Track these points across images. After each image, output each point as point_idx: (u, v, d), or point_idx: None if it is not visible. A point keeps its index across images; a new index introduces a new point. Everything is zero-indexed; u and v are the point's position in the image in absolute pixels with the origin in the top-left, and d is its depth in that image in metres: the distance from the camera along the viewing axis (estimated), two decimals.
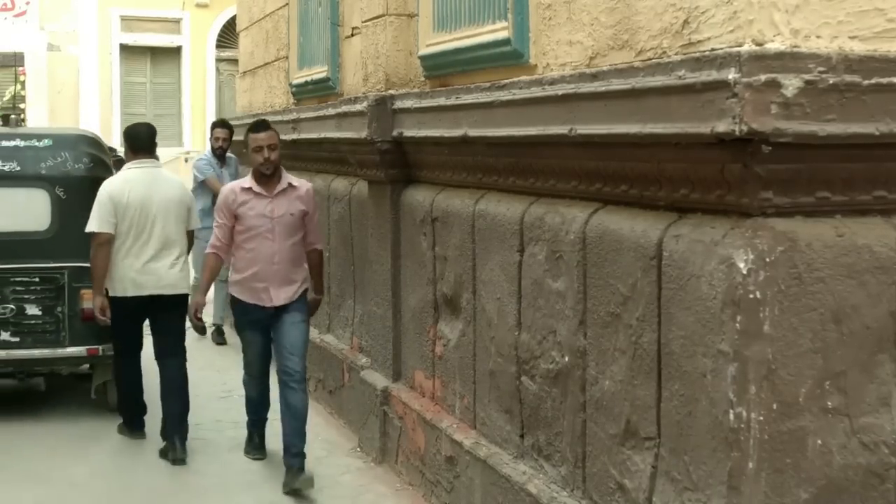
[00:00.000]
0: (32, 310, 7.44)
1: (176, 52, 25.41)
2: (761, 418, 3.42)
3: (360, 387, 7.07)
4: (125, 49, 24.96)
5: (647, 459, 3.94)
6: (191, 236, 7.19)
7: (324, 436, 7.26)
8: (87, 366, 7.82)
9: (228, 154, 10.62)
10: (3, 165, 7.62)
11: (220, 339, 10.64)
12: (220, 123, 10.81)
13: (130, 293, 6.83)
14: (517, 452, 5.02)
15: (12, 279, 7.43)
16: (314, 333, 8.32)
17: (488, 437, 5.33)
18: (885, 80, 3.42)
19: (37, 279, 7.42)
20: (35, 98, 24.24)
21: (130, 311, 6.88)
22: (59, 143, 7.78)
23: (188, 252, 7.17)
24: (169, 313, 6.97)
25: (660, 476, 3.87)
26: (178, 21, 25.32)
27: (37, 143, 7.76)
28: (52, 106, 24.07)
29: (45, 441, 7.23)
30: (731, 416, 3.44)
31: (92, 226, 6.78)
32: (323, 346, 8.05)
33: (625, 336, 4.06)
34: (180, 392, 6.97)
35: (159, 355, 7.06)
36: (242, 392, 8.05)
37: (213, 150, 10.52)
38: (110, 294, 6.87)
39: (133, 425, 7.32)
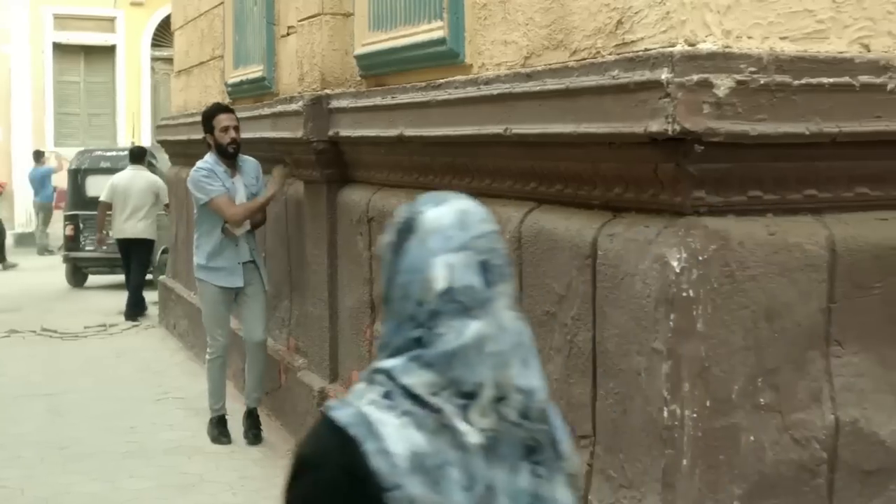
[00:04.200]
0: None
1: (110, 50, 25.08)
2: (695, 415, 3.44)
3: (296, 388, 7.04)
4: (58, 48, 24.59)
5: (583, 458, 3.95)
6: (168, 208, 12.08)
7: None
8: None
9: (244, 156, 7.30)
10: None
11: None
12: (222, 108, 7.37)
13: (118, 236, 12.58)
14: None
15: None
16: None
17: None
18: (814, 81, 3.46)
19: None
20: None
21: (120, 247, 12.64)
22: None
23: (154, 213, 12.48)
24: (137, 248, 12.53)
25: (595, 474, 3.88)
26: (112, 20, 24.99)
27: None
28: None
29: None
30: (665, 414, 3.46)
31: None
32: None
33: (560, 335, 4.07)
34: (136, 286, 12.45)
35: (132, 269, 12.57)
36: (179, 394, 8.00)
37: (223, 147, 7.07)
38: (111, 236, 12.82)
39: (135, 310, 12.41)
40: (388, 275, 1.83)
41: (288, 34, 7.62)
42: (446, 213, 1.82)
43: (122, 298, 13.41)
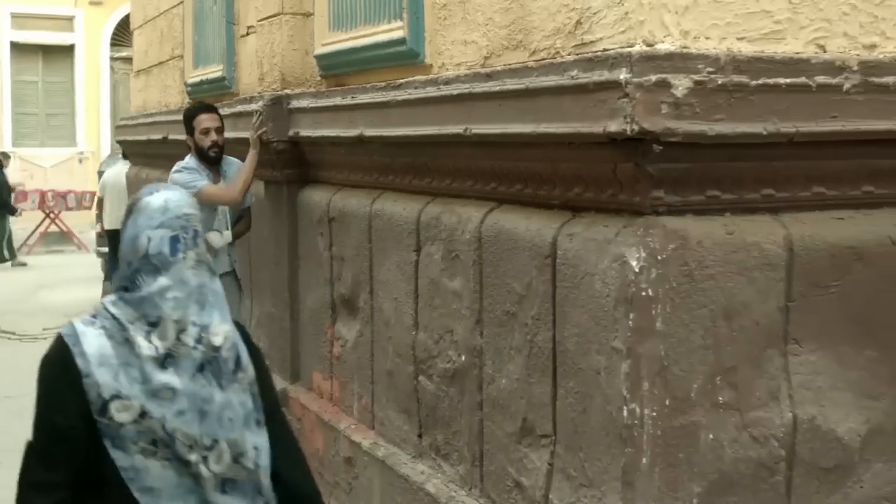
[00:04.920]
0: None
1: (69, 50, 24.93)
2: (654, 414, 3.46)
3: None
4: (16, 47, 24.42)
5: (544, 457, 3.97)
6: None
7: None
8: None
9: (229, 157, 6.79)
10: None
11: None
12: (203, 107, 6.81)
13: (111, 227, 11.99)
14: (415, 452, 5.02)
15: None
16: None
17: (386, 438, 5.31)
18: (771, 81, 3.48)
19: None
20: None
21: (110, 238, 12.21)
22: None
23: None
24: None
25: (556, 473, 3.89)
26: (70, 19, 24.86)
27: None
28: None
29: None
30: (625, 413, 3.47)
31: None
32: None
33: (520, 335, 4.08)
34: None
35: None
36: None
37: (203, 150, 6.61)
38: (104, 227, 12.70)
39: None
40: (121, 242, 2.63)
41: (248, 34, 7.59)
42: (154, 200, 2.62)
43: (79, 299, 13.32)
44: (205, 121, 6.60)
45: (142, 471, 2.54)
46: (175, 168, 6.64)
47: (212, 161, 6.61)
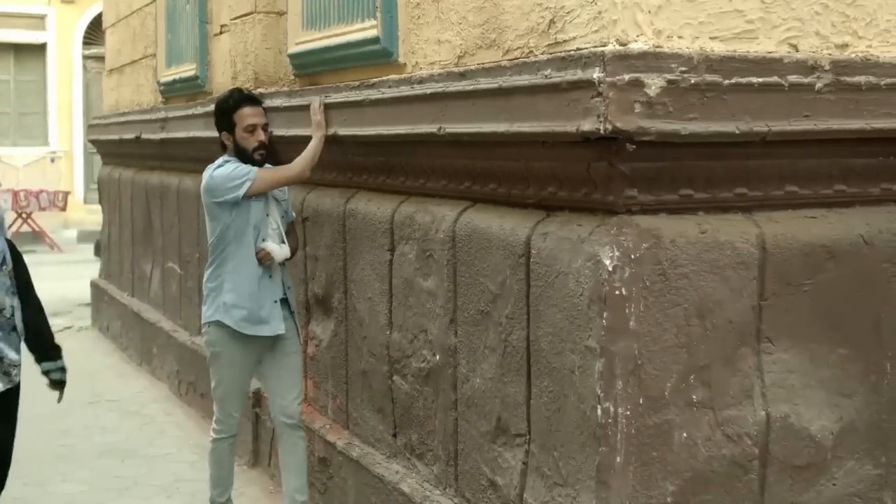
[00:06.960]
0: None
1: (41, 48, 24.77)
2: (628, 413, 3.46)
3: None
4: None
5: (518, 456, 3.97)
6: None
7: (196, 440, 7.16)
8: None
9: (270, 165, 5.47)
10: None
11: None
12: (245, 97, 5.48)
13: None
14: (390, 452, 5.01)
15: None
16: (185, 335, 8.21)
17: (361, 438, 5.30)
18: (744, 80, 3.50)
19: None
20: None
21: None
22: None
23: None
24: None
25: (530, 472, 3.90)
26: (42, 17, 24.70)
27: None
28: None
29: None
30: (599, 412, 3.48)
31: None
32: (195, 349, 7.94)
33: (495, 334, 4.07)
34: None
35: None
36: (112, 397, 7.88)
37: (247, 152, 5.31)
38: None
39: None
40: None
41: (221, 32, 7.57)
42: None
43: (50, 299, 13.25)
44: (249, 116, 5.32)
45: None
46: (214, 164, 5.38)
47: (255, 165, 5.30)
